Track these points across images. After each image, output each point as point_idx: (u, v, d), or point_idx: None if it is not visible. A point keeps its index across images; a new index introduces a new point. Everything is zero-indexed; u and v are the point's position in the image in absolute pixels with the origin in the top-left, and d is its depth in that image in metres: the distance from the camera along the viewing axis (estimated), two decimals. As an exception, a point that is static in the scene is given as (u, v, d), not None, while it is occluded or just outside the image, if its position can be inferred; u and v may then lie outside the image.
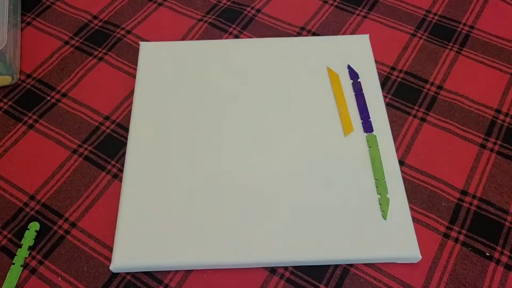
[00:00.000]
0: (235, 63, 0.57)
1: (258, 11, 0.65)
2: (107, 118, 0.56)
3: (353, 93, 0.55)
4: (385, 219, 0.47)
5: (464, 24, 0.63)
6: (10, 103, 0.57)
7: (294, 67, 0.57)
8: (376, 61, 0.58)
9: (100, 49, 0.62)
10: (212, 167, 0.50)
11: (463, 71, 0.59)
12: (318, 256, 0.45)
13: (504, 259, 0.46)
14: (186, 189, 0.49)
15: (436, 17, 0.63)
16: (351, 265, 0.46)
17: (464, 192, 0.50)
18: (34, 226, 0.48)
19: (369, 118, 0.53)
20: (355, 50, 0.58)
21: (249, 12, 0.65)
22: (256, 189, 0.48)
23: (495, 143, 0.53)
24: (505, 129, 0.54)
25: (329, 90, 0.55)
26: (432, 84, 0.58)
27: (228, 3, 0.66)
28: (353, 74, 0.56)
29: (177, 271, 0.46)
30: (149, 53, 0.58)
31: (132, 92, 0.57)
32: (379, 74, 0.57)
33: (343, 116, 0.53)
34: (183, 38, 0.62)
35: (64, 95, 0.58)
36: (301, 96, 0.55)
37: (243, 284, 0.45)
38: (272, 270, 0.46)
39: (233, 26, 0.63)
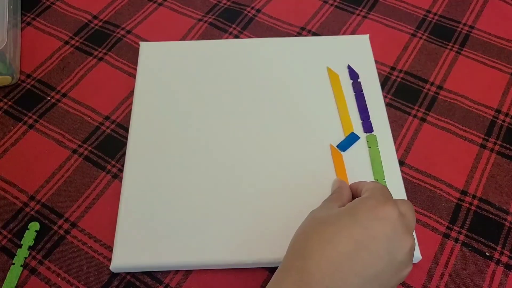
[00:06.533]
0: (235, 63, 0.57)
1: (258, 11, 0.65)
2: (107, 118, 0.56)
3: (353, 93, 0.55)
4: (385, 219, 0.47)
5: (464, 24, 0.63)
6: (10, 103, 0.57)
7: (294, 67, 0.57)
8: (376, 61, 0.58)
9: (100, 49, 0.62)
10: (212, 167, 0.50)
11: (463, 71, 0.59)
12: (318, 256, 0.45)
13: (504, 259, 0.46)
14: (186, 189, 0.49)
15: (436, 17, 0.63)
16: (351, 265, 0.46)
17: (464, 192, 0.50)
18: (34, 226, 0.48)
19: (369, 118, 0.53)
20: (355, 50, 0.58)
21: (249, 12, 0.65)
22: (256, 189, 0.48)
23: (495, 143, 0.53)
24: (505, 129, 0.54)
25: (329, 90, 0.55)
26: (432, 84, 0.58)
27: (228, 3, 0.66)
28: (353, 74, 0.56)
29: (177, 271, 0.46)
30: (149, 53, 0.58)
31: (132, 92, 0.57)
32: (379, 74, 0.57)
33: (343, 116, 0.53)
34: (183, 38, 0.62)
35: (64, 95, 0.58)
36: (301, 96, 0.55)
37: (243, 284, 0.45)
38: (272, 270, 0.46)
39: (233, 26, 0.63)
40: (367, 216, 0.35)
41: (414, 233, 0.46)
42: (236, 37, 0.62)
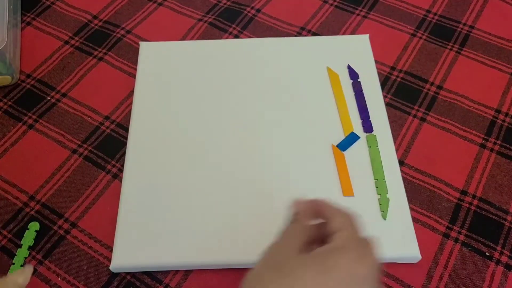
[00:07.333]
0: (235, 63, 0.57)
1: (258, 11, 0.65)
2: (107, 118, 0.56)
3: (353, 93, 0.55)
4: (385, 219, 0.47)
5: (464, 24, 0.63)
6: (10, 103, 0.57)
7: (294, 67, 0.57)
8: (376, 61, 0.58)
9: (100, 49, 0.62)
10: (212, 167, 0.50)
11: (463, 71, 0.59)
12: (318, 256, 0.45)
13: (504, 259, 0.46)
14: (186, 189, 0.49)
15: (436, 17, 0.63)
16: (351, 265, 0.46)
17: (464, 192, 0.50)
18: (34, 226, 0.48)
19: (369, 118, 0.53)
20: (355, 50, 0.58)
21: (249, 12, 0.65)
22: (256, 189, 0.48)
23: (495, 143, 0.53)
24: (505, 129, 0.54)
25: (329, 90, 0.55)
26: (432, 84, 0.58)
27: (228, 3, 0.66)
28: (353, 74, 0.56)
29: (177, 271, 0.46)
30: (149, 53, 0.58)
31: (132, 92, 0.57)
32: (379, 74, 0.57)
33: (343, 116, 0.53)
34: (183, 38, 0.62)
35: (64, 95, 0.58)
36: (301, 96, 0.55)
37: (243, 284, 0.45)
38: (272, 270, 0.46)
39: (233, 26, 0.63)
40: (341, 276, 0.29)
41: (413, 234, 0.46)
42: (236, 37, 0.62)
